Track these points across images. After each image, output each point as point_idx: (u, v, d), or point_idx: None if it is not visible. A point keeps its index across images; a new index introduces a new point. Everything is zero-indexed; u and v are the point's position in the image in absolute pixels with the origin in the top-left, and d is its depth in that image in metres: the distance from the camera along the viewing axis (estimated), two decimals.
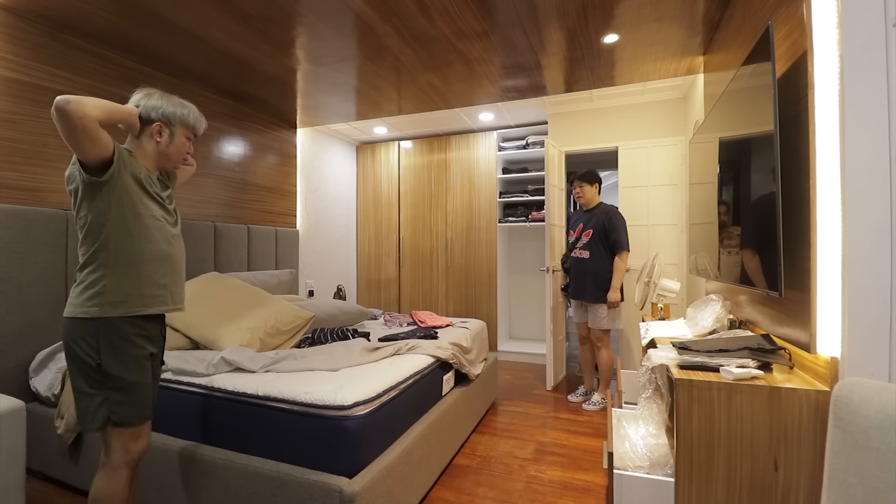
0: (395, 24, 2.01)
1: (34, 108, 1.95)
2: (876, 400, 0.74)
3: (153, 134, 1.25)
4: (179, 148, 1.31)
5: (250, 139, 3.16)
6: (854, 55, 1.02)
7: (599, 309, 2.67)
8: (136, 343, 1.20)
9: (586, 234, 2.72)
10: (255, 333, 1.94)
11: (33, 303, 1.88)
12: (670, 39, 2.20)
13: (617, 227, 2.64)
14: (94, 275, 1.16)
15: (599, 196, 2.82)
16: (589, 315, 2.75)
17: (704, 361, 1.24)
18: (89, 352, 1.14)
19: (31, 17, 1.93)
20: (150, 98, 1.26)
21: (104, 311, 1.15)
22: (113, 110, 1.12)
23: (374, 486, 1.33)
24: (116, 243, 1.16)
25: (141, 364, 1.21)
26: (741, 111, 1.51)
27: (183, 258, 1.34)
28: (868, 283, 1.00)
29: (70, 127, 1.03)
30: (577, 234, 2.79)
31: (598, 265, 2.67)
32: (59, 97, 1.01)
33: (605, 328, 2.69)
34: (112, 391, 1.16)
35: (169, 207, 1.30)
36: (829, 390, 1.04)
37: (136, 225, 1.19)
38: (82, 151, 1.09)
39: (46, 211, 1.93)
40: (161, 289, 1.24)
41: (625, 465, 1.41)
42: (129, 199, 1.17)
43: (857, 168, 1.02)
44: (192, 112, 1.32)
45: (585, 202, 2.80)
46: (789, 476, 1.08)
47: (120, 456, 1.19)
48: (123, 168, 1.16)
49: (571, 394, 2.93)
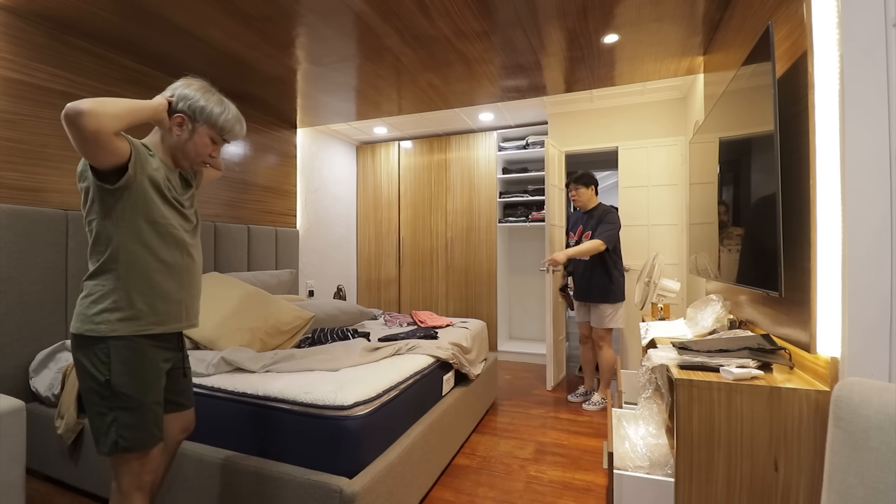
0: (395, 24, 2.00)
1: (34, 108, 1.95)
2: (876, 400, 0.74)
3: (174, 126, 1.13)
4: (199, 148, 1.17)
5: (250, 139, 3.16)
6: (854, 55, 1.02)
7: (604, 308, 2.67)
8: (149, 358, 1.11)
9: (586, 235, 2.72)
10: (255, 333, 1.93)
11: (33, 303, 1.88)
12: (670, 39, 2.20)
13: (608, 222, 2.64)
14: (103, 287, 1.06)
15: (598, 197, 2.82)
16: (592, 315, 2.75)
17: (704, 361, 1.24)
18: (99, 367, 1.05)
19: (32, 17, 1.93)
20: (186, 87, 1.15)
21: (114, 329, 1.05)
22: (134, 114, 1.01)
23: (374, 486, 1.33)
24: (128, 254, 1.06)
25: (154, 381, 1.12)
26: (741, 111, 1.51)
27: (199, 269, 1.23)
28: (868, 283, 1.00)
29: (80, 140, 0.93)
30: (578, 237, 2.79)
31: (600, 266, 2.68)
32: (70, 104, 0.90)
33: (609, 328, 2.69)
34: (121, 411, 1.06)
35: (188, 212, 1.19)
36: (829, 390, 1.04)
37: (150, 234, 1.08)
38: (94, 160, 0.99)
39: (47, 211, 1.93)
40: (176, 304, 1.14)
41: (625, 465, 1.41)
42: (144, 206, 1.07)
43: (857, 168, 1.02)
44: (226, 113, 1.19)
45: (582, 204, 2.79)
46: (789, 476, 1.08)
47: (129, 481, 1.09)
48: (140, 172, 1.05)
49: (571, 394, 2.93)
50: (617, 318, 2.69)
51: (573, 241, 2.84)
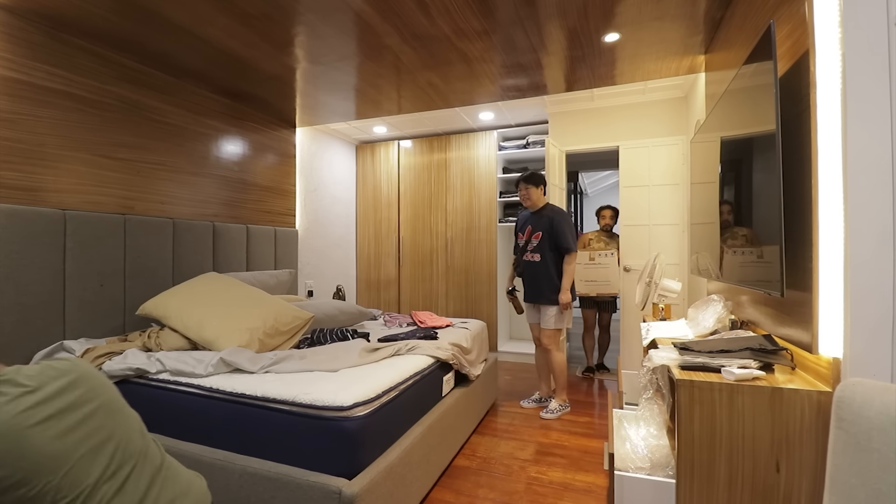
0: (394, 22, 2.00)
1: (32, 107, 1.94)
2: (878, 401, 0.74)
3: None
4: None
5: (249, 138, 3.15)
6: (856, 54, 1.01)
7: (550, 309, 2.62)
8: None
9: (535, 236, 2.68)
10: (253, 334, 1.93)
11: (31, 303, 1.87)
12: (671, 38, 2.19)
13: (563, 231, 2.59)
14: None
15: (546, 197, 2.76)
16: (541, 316, 2.69)
17: (706, 362, 1.23)
18: None
19: (29, 15, 1.92)
20: None
21: None
22: None
23: (374, 487, 1.33)
24: None
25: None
26: (743, 110, 1.50)
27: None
28: (870, 283, 1.00)
29: None
30: (527, 237, 2.73)
31: (551, 267, 2.62)
32: None
33: (555, 328, 2.62)
34: None
35: None
36: (831, 391, 1.03)
37: None
38: None
39: (44, 211, 1.92)
40: None
41: (626, 466, 1.40)
42: None
43: (859, 167, 1.01)
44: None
45: (531, 204, 2.72)
46: (791, 477, 1.07)
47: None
48: None
49: (524, 399, 2.85)
50: (561, 319, 2.62)
51: (522, 241, 2.78)
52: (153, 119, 2.43)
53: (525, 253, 2.74)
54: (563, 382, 2.69)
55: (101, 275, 2.13)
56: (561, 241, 2.59)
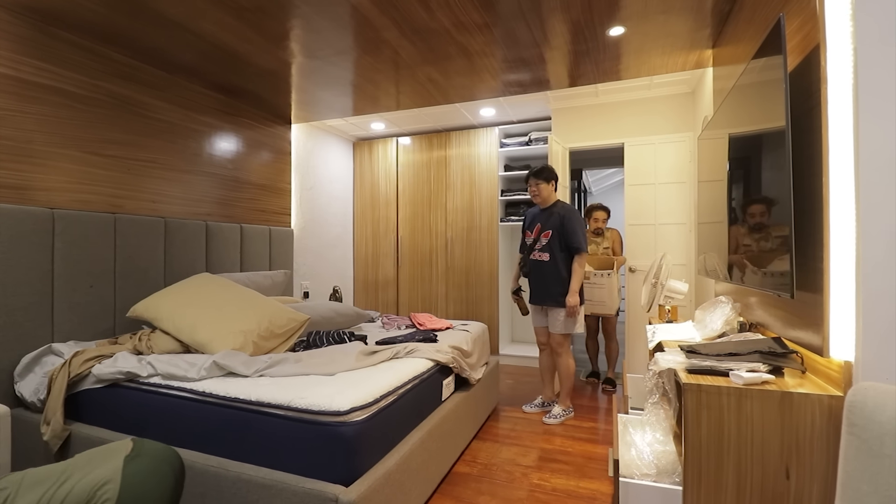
0: (393, 15, 1.96)
1: (19, 102, 1.89)
2: (891, 405, 0.72)
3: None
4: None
5: (243, 135, 3.10)
6: (869, 48, 0.99)
7: (559, 312, 2.54)
8: None
9: (545, 234, 2.59)
10: (248, 336, 1.89)
11: (18, 305, 1.82)
12: (678, 32, 2.16)
13: (574, 230, 2.51)
14: None
15: (556, 194, 2.68)
16: (549, 319, 2.61)
17: (713, 366, 1.22)
18: None
19: (17, 8, 1.87)
20: None
21: None
22: None
23: (372, 494, 1.30)
24: None
25: None
26: (752, 106, 1.48)
27: None
28: (883, 285, 0.98)
29: None
30: (536, 235, 2.64)
31: (560, 268, 2.54)
32: None
33: (564, 332, 2.55)
34: None
35: None
36: (842, 395, 1.02)
37: None
38: None
39: (32, 209, 1.88)
40: None
41: (631, 472, 1.38)
42: None
43: (871, 165, 0.99)
44: None
45: (542, 200, 2.64)
46: (801, 484, 1.06)
47: None
48: None
49: (527, 404, 2.79)
50: (571, 323, 2.54)
51: (530, 239, 2.69)
52: (144, 115, 2.38)
53: (532, 252, 2.65)
54: (569, 388, 2.62)
55: (91, 275, 2.09)
56: (572, 240, 2.52)
